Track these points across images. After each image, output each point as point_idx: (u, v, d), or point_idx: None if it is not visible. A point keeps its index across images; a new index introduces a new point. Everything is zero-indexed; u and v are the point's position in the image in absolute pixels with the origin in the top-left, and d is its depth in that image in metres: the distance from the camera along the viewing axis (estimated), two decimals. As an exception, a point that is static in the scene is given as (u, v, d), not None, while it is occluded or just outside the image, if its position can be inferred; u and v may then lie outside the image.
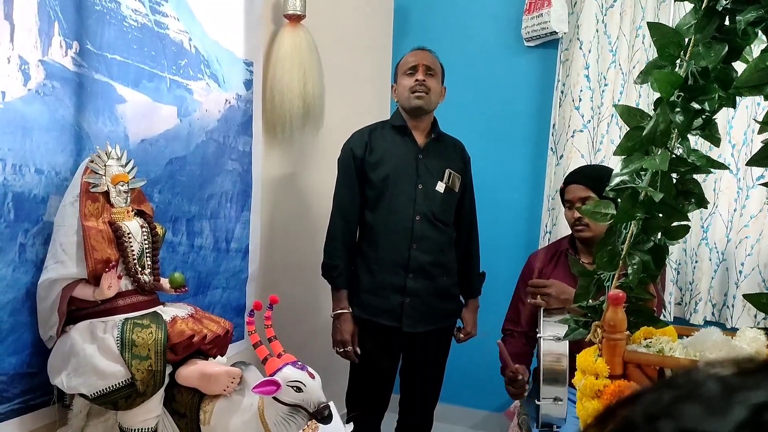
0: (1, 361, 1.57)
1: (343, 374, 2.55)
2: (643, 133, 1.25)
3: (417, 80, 2.33)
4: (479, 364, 3.29)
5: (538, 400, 1.86)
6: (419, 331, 2.39)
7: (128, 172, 1.69)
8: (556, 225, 3.10)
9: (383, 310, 2.37)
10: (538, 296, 2.13)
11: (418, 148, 2.40)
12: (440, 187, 2.38)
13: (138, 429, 1.58)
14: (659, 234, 1.31)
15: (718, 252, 2.86)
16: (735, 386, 0.29)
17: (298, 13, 2.53)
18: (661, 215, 1.27)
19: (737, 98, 1.32)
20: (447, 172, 2.40)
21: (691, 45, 1.26)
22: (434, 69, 2.38)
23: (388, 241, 2.35)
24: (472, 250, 2.58)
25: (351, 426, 2.06)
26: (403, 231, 2.34)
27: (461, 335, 2.55)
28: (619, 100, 3.02)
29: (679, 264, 2.95)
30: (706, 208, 1.33)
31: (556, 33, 3.08)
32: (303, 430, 1.80)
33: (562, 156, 3.09)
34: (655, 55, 1.30)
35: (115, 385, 1.51)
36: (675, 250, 2.90)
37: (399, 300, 2.36)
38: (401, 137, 2.41)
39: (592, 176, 2.21)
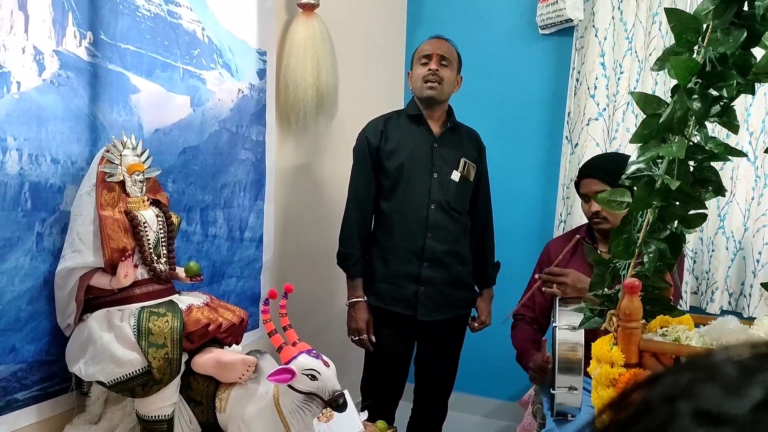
0: (21, 348, 1.59)
1: (358, 363, 2.55)
2: (660, 121, 1.23)
3: (430, 70, 2.32)
4: (493, 353, 3.29)
5: (553, 389, 1.85)
6: (434, 320, 2.39)
7: (143, 162, 1.70)
8: (571, 214, 3.08)
9: (398, 299, 2.37)
10: (554, 285, 2.12)
11: (433, 137, 2.40)
12: (455, 176, 2.38)
13: (155, 416, 1.59)
14: (676, 222, 1.30)
15: (735, 241, 2.83)
16: (752, 368, 0.30)
17: (312, 2, 2.52)
18: (677, 203, 1.25)
19: (756, 85, 1.30)
20: (462, 161, 2.39)
21: (709, 31, 1.25)
22: (449, 59, 2.36)
23: (403, 230, 2.35)
24: (487, 240, 2.57)
25: (366, 414, 2.07)
26: (417, 220, 2.34)
27: (476, 324, 2.55)
28: (635, 88, 2.99)
29: (696, 253, 2.92)
30: (723, 196, 1.32)
31: (572, 20, 3.05)
32: (318, 418, 1.81)
33: (577, 144, 3.06)
34: (672, 41, 1.29)
35: (132, 372, 1.53)
36: (691, 239, 2.87)
37: (414, 289, 2.36)
38: (416, 126, 2.40)
39: (607, 169, 2.18)
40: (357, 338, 2.39)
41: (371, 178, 2.39)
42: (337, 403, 1.54)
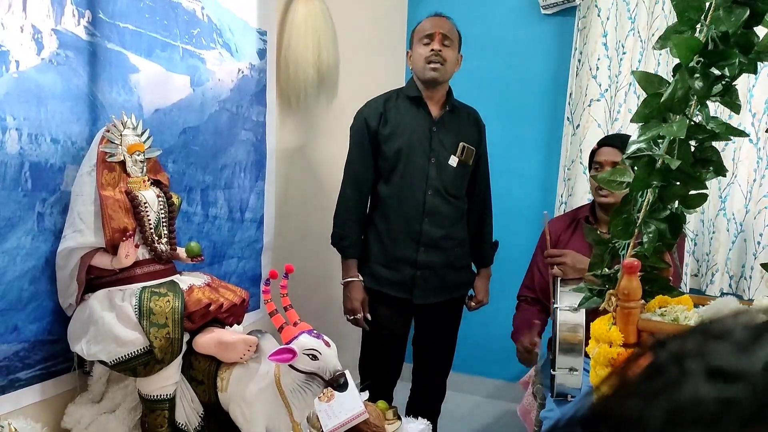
0: (23, 328, 1.60)
1: (357, 343, 2.57)
2: (661, 100, 1.23)
3: (433, 50, 2.29)
4: (494, 334, 3.30)
5: (554, 370, 1.86)
6: (430, 302, 2.40)
7: (144, 142, 1.70)
8: (572, 195, 3.08)
9: (394, 282, 2.38)
10: (555, 266, 2.12)
11: (432, 121, 2.37)
12: (453, 161, 2.36)
13: (157, 395, 1.60)
14: (676, 202, 1.29)
15: (736, 223, 2.83)
16: (764, 329, 0.29)
17: (312, -20, 2.50)
18: (678, 183, 1.25)
19: (758, 64, 1.29)
20: (461, 145, 2.37)
21: (711, 9, 1.24)
22: (451, 38, 2.33)
23: (400, 215, 2.35)
24: (486, 220, 2.57)
25: (366, 394, 2.09)
26: (414, 205, 2.34)
27: (473, 303, 2.56)
28: (637, 69, 2.97)
29: (696, 235, 2.92)
30: (724, 176, 1.32)
31: (574, 0, 3.03)
32: (319, 398, 1.83)
33: (578, 125, 3.05)
34: (675, 21, 1.28)
35: (134, 352, 1.54)
36: (692, 220, 2.87)
37: (411, 273, 2.36)
38: (416, 108, 2.38)
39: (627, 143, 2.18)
40: (353, 317, 2.39)
41: (370, 160, 2.38)
42: (338, 383, 1.55)
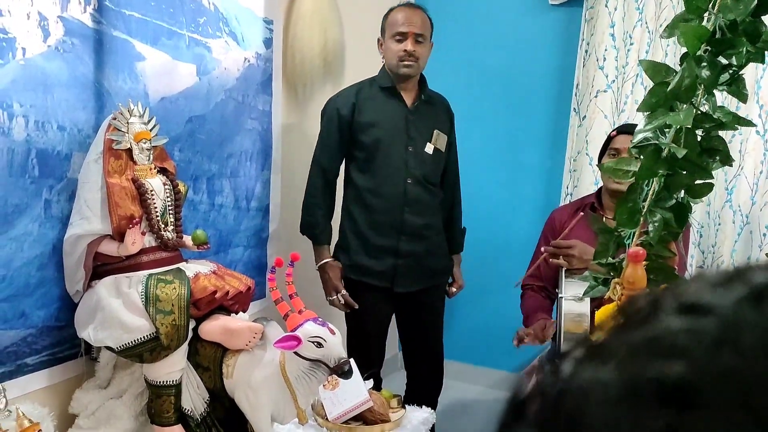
0: (30, 314, 1.61)
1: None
2: (668, 89, 1.22)
3: (406, 51, 2.27)
4: (497, 325, 3.31)
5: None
6: (411, 290, 2.40)
7: (150, 130, 1.70)
8: (578, 186, 3.07)
9: (376, 272, 2.37)
10: (560, 257, 2.12)
11: (407, 110, 2.37)
12: (429, 148, 2.37)
13: (163, 381, 1.61)
14: (682, 192, 1.29)
15: (742, 215, 2.82)
16: (739, 271, 0.30)
17: (319, -30, 2.50)
18: (684, 172, 1.25)
19: (766, 53, 1.29)
20: (435, 132, 2.38)
21: (719, -2, 1.23)
22: (424, 34, 2.31)
23: (380, 204, 2.34)
24: (456, 207, 2.60)
25: (371, 382, 2.10)
26: (396, 194, 2.33)
27: (453, 289, 2.57)
28: (640, 60, 2.96)
29: (702, 226, 2.91)
30: (731, 165, 1.31)
31: (581, -10, 3.02)
32: (324, 386, 1.84)
33: (585, 117, 3.04)
34: (683, 10, 1.27)
35: (140, 338, 1.55)
36: (698, 211, 2.87)
37: (392, 262, 2.36)
38: (390, 98, 2.36)
39: None
40: (335, 296, 2.37)
41: (337, 148, 2.37)
42: (342, 370, 1.56)
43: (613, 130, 2.32)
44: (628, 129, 2.24)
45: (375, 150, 2.32)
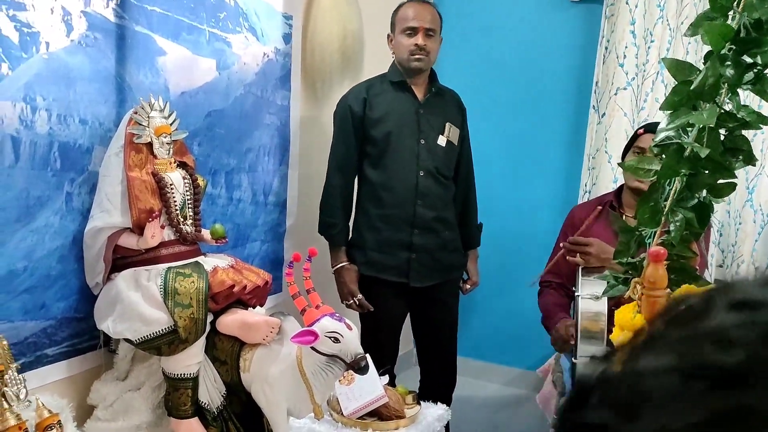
0: (50, 305, 1.63)
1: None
2: (691, 87, 1.21)
3: (417, 45, 2.28)
4: (513, 322, 3.30)
5: (575, 359, 1.86)
6: (427, 285, 2.40)
7: (171, 124, 1.71)
8: (596, 185, 3.05)
9: (390, 267, 2.37)
10: (578, 254, 2.11)
11: (418, 103, 2.37)
12: (441, 140, 2.37)
13: (180, 374, 1.62)
14: (704, 191, 1.28)
15: (762, 214, 2.79)
16: None
17: (338, -35, 2.50)
18: (706, 171, 1.24)
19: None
20: (447, 125, 2.38)
21: (745, -5, 1.21)
22: (434, 28, 2.32)
23: (392, 198, 2.34)
24: (471, 202, 2.58)
25: (386, 378, 2.10)
26: (407, 187, 2.33)
27: (467, 286, 2.57)
28: (665, 57, 2.93)
29: (722, 225, 2.89)
30: (754, 165, 1.30)
31: (602, -13, 2.99)
32: (339, 381, 1.84)
33: (604, 114, 3.02)
34: (706, 8, 1.26)
35: (159, 331, 1.56)
36: (718, 211, 2.84)
37: (406, 256, 2.36)
38: (401, 92, 2.37)
39: None
40: (352, 301, 2.39)
41: (353, 145, 2.37)
42: (359, 366, 1.56)
43: (640, 128, 2.30)
44: (653, 128, 2.21)
45: (386, 144, 2.33)
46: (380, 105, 2.35)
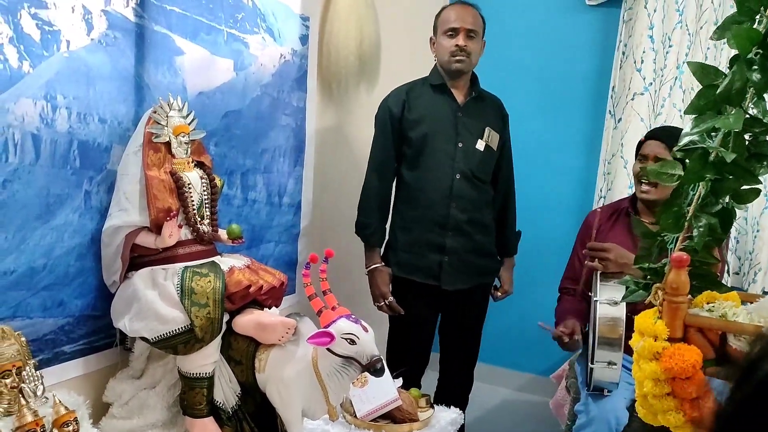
0: (68, 303, 1.63)
1: (384, 331, 2.56)
2: (717, 92, 1.20)
3: (458, 45, 2.28)
4: (527, 327, 3.28)
5: (592, 364, 1.84)
6: (458, 289, 2.39)
7: (189, 124, 1.71)
8: (611, 190, 3.04)
9: (421, 268, 2.37)
10: (596, 260, 2.09)
11: (457, 106, 2.37)
12: (480, 145, 2.36)
13: (196, 373, 1.62)
14: (728, 197, 1.27)
15: (780, 222, 2.77)
16: None
17: (356, -33, 2.50)
18: (731, 177, 1.22)
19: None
20: (486, 130, 2.37)
21: (772, -1, 1.20)
22: (476, 30, 2.32)
23: (427, 200, 2.34)
24: (509, 208, 2.56)
25: (400, 381, 2.09)
26: (442, 189, 2.33)
27: (498, 293, 2.55)
28: (683, 63, 2.91)
29: (740, 233, 2.86)
30: (778, 171, 1.28)
31: (620, -9, 2.98)
32: (353, 383, 1.83)
33: (620, 119, 3.01)
34: (725, 15, 1.25)
35: (175, 330, 1.56)
36: (736, 217, 2.81)
37: (438, 258, 2.35)
38: (440, 95, 2.38)
39: (676, 137, 2.13)
40: (383, 303, 2.39)
41: (392, 148, 2.38)
42: (374, 368, 1.55)
43: (644, 136, 2.29)
44: (655, 134, 2.21)
45: (423, 146, 2.33)
46: (419, 107, 2.36)
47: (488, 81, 2.48)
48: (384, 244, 2.47)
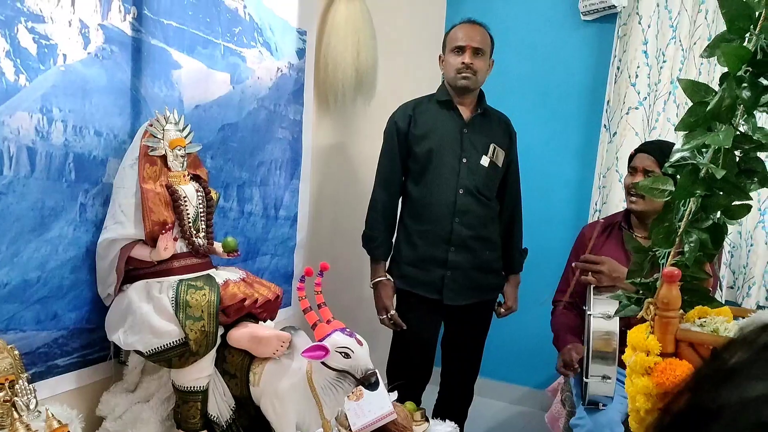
0: (62, 316, 1.63)
1: (387, 343, 2.57)
2: (707, 109, 1.21)
3: (464, 63, 2.31)
4: (522, 340, 3.29)
5: (586, 378, 1.85)
6: (460, 304, 2.39)
7: (185, 137, 1.72)
8: (606, 203, 3.05)
9: (424, 282, 2.39)
10: (590, 273, 2.10)
11: (463, 122, 2.39)
12: (485, 161, 2.37)
13: (190, 387, 1.62)
14: (719, 212, 1.27)
15: (774, 236, 2.78)
16: None
17: (354, -18, 2.52)
18: (721, 193, 1.23)
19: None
20: (492, 146, 2.39)
21: (762, 18, 1.22)
22: (483, 48, 2.34)
23: (431, 214, 2.36)
24: (516, 226, 2.57)
25: (395, 394, 2.09)
26: (446, 204, 2.35)
27: (502, 310, 2.55)
28: (677, 78, 2.93)
29: (734, 247, 2.87)
30: (768, 187, 1.29)
31: (615, 7, 3.00)
32: (348, 396, 1.83)
33: (615, 133, 3.02)
34: (718, 31, 1.26)
35: (170, 343, 1.56)
36: (730, 232, 2.83)
37: (440, 273, 2.37)
38: (446, 111, 2.40)
39: (665, 151, 2.15)
40: (386, 316, 2.40)
41: (398, 162, 2.41)
42: (369, 382, 1.55)
43: (634, 149, 2.31)
44: (646, 147, 2.23)
45: (427, 161, 2.35)
46: (425, 122, 2.38)
47: (485, 93, 2.50)
48: (390, 259, 2.48)
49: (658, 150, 2.18)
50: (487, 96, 2.47)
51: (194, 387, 1.62)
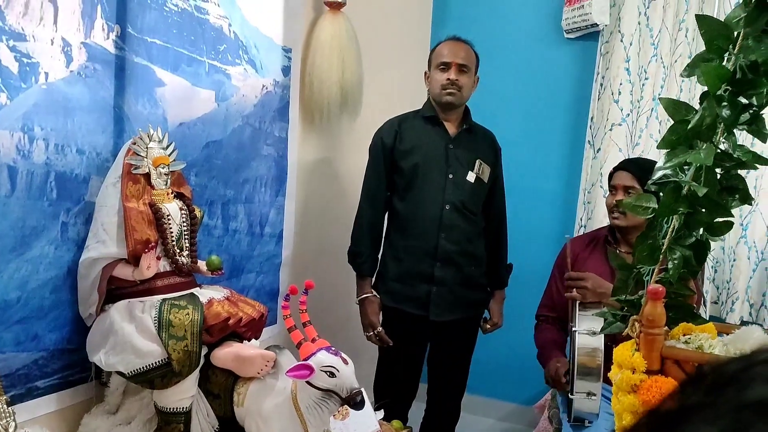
0: (43, 336, 1.61)
1: (373, 361, 2.55)
2: (689, 127, 1.22)
3: (449, 79, 2.32)
4: (509, 356, 3.28)
5: (571, 395, 1.84)
6: (446, 320, 2.39)
7: (169, 155, 1.71)
8: (591, 219, 3.07)
9: (410, 298, 2.38)
10: (574, 289, 2.11)
11: (449, 138, 2.40)
12: (470, 176, 2.38)
13: (173, 408, 1.60)
14: (701, 229, 1.28)
15: (757, 251, 2.80)
16: None
17: (339, 0, 2.53)
18: (704, 210, 1.24)
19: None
20: (477, 162, 2.40)
21: (740, 38, 1.23)
22: (468, 65, 2.36)
23: (416, 230, 2.36)
24: (501, 242, 2.57)
25: (381, 413, 2.07)
26: (431, 219, 2.35)
27: (488, 326, 2.55)
28: (659, 94, 2.97)
29: (717, 262, 2.89)
30: (750, 204, 1.31)
31: (597, 25, 3.04)
32: (334, 415, 1.82)
33: (599, 149, 3.05)
34: (699, 48, 1.28)
35: (152, 364, 1.54)
36: (713, 247, 2.85)
37: (426, 289, 2.36)
38: (432, 127, 2.41)
39: (644, 168, 2.17)
40: (372, 333, 2.39)
41: (384, 178, 2.41)
42: (354, 401, 1.54)
43: (613, 167, 2.34)
44: (624, 165, 2.26)
45: (413, 176, 2.36)
46: (410, 138, 2.39)
47: (471, 110, 2.51)
48: (377, 274, 2.47)
49: (635, 166, 2.21)
50: (472, 112, 2.49)
51: (177, 408, 1.60)
